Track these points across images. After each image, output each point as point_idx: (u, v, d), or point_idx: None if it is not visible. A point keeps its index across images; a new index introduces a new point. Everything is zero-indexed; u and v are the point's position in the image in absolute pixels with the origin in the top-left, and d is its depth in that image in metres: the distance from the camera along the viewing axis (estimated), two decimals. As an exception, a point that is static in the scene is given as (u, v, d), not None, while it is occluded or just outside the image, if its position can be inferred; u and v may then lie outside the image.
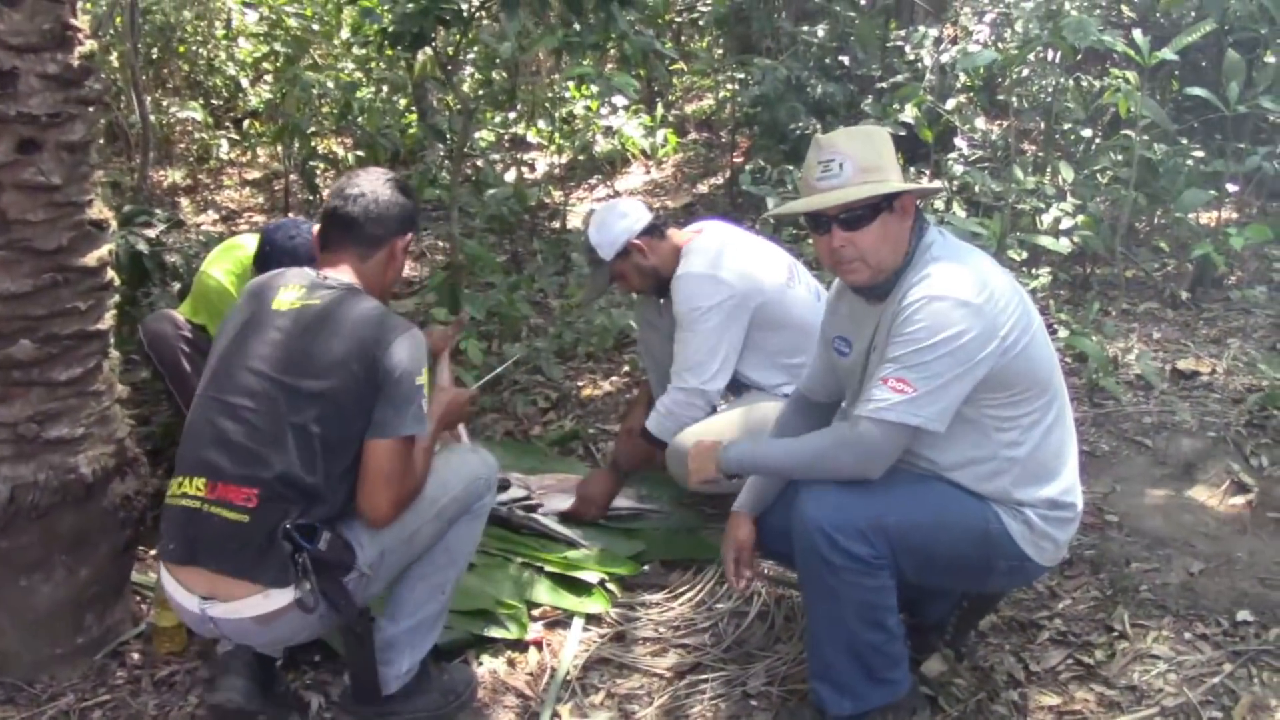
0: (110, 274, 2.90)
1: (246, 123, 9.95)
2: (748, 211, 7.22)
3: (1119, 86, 5.07)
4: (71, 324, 2.78)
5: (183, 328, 3.56)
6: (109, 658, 2.97)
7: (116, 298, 2.96)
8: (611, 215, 3.54)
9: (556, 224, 6.61)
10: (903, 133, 6.11)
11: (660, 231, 3.55)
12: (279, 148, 8.33)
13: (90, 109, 2.79)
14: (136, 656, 2.98)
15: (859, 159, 2.53)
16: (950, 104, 6.13)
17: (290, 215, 7.57)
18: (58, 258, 2.73)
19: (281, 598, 2.39)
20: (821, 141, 2.58)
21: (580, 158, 7.72)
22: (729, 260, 3.43)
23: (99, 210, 2.84)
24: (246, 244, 3.67)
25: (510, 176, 6.86)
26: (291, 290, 2.56)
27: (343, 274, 2.61)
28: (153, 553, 3.34)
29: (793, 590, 3.20)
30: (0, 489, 2.73)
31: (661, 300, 3.65)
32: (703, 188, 8.05)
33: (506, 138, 8.03)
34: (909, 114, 5.95)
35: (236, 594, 2.39)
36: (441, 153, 7.34)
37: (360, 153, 8.11)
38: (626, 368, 4.82)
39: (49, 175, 2.67)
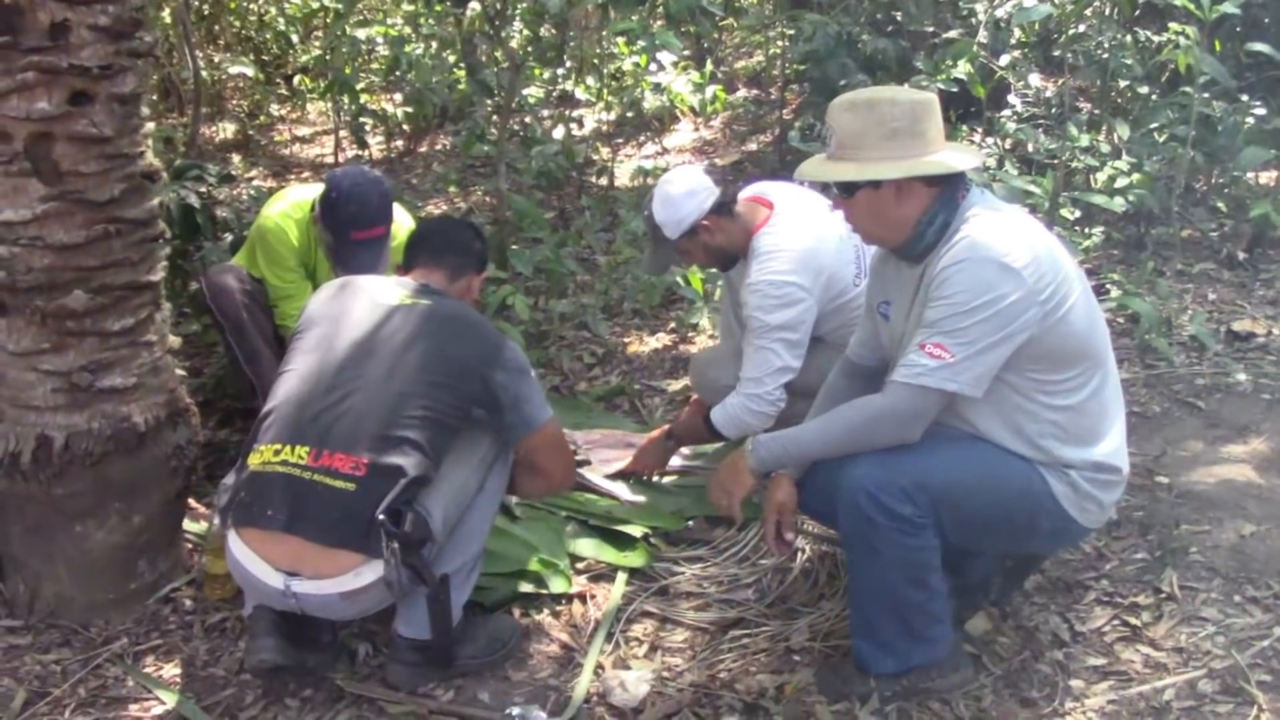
0: (161, 225, 2.93)
1: (297, 79, 9.99)
2: (796, 168, 7.17)
3: (1178, 42, 4.96)
4: (123, 275, 2.81)
5: (245, 281, 3.58)
6: (161, 603, 3.03)
7: (167, 249, 2.99)
8: (679, 193, 3.35)
9: (604, 181, 6.58)
10: (955, 89, 6.03)
11: (729, 208, 3.39)
12: (329, 104, 8.35)
13: (141, 61, 2.81)
14: (188, 603, 3.04)
15: (841, 133, 2.52)
16: (1004, 60, 6.02)
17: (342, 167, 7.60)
18: (109, 209, 2.75)
19: (371, 574, 2.45)
20: (830, 106, 2.58)
21: (629, 115, 7.66)
22: (806, 261, 3.30)
23: (150, 162, 2.86)
24: (305, 191, 3.68)
25: (558, 133, 6.84)
26: (396, 289, 2.75)
27: (438, 285, 2.82)
28: (204, 503, 3.40)
29: (836, 547, 3.19)
30: (55, 437, 2.79)
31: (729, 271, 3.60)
32: (751, 145, 7.98)
33: (554, 94, 8.00)
34: (962, 70, 5.86)
35: (326, 569, 2.45)
36: (489, 108, 7.34)
37: (408, 109, 8.12)
38: (673, 324, 4.81)
39: (101, 127, 2.70)
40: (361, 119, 7.68)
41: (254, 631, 2.66)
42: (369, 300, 2.71)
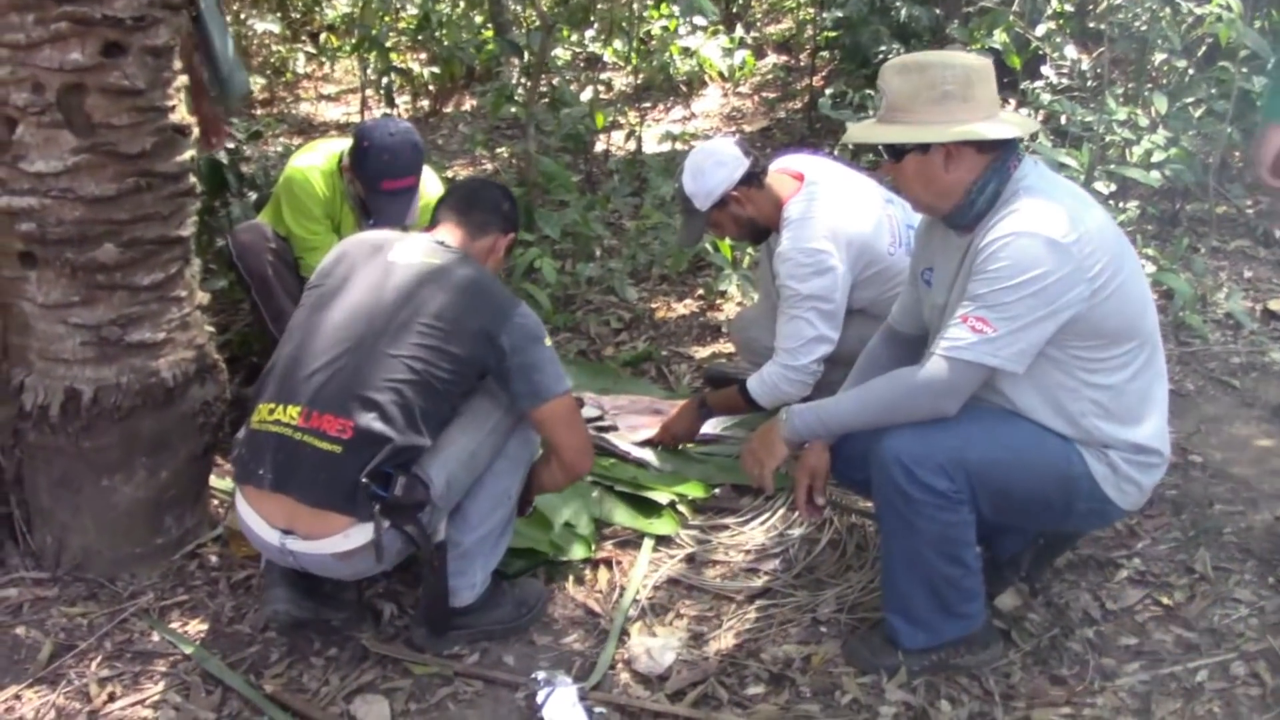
0: (192, 180, 2.90)
1: (324, 36, 9.93)
2: (825, 136, 7.10)
3: (1220, 15, 4.87)
4: (154, 229, 2.79)
5: (271, 239, 3.55)
6: (186, 559, 3.03)
7: (198, 204, 2.96)
8: (709, 163, 3.34)
9: (631, 145, 6.52)
10: (990, 59, 5.95)
11: (759, 180, 3.36)
12: (355, 62, 8.30)
13: (174, 13, 2.78)
14: (214, 559, 3.03)
15: (891, 95, 2.48)
16: (1040, 30, 5.93)
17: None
18: (141, 162, 2.73)
19: (360, 536, 2.44)
20: (882, 69, 2.54)
21: (658, 79, 7.59)
22: (835, 229, 3.27)
23: (181, 116, 2.84)
24: (332, 144, 3.65)
25: (586, 96, 6.78)
26: (410, 246, 2.65)
27: (456, 243, 2.72)
28: (230, 461, 3.39)
29: (865, 518, 3.17)
30: (84, 390, 2.78)
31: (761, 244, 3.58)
32: (780, 112, 7.90)
33: (581, 57, 7.93)
34: (997, 40, 5.77)
35: (316, 530, 2.44)
36: (519, 69, 7.28)
37: (434, 69, 8.06)
38: (701, 290, 4.77)
39: (133, 79, 2.67)
40: (386, 78, 7.63)
41: (266, 583, 2.69)
42: (378, 257, 2.64)
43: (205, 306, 3.04)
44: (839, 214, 3.28)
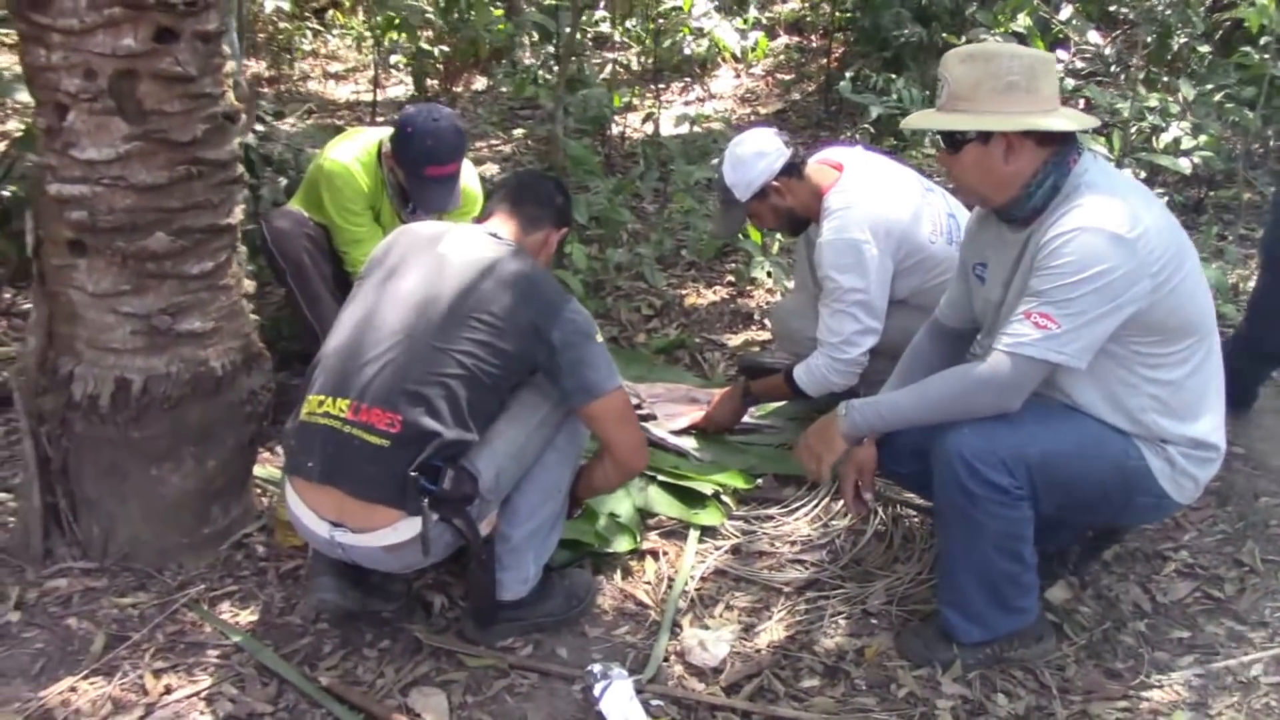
0: (240, 168, 2.87)
1: (330, 14, 9.87)
2: (842, 119, 7.08)
3: (1253, 0, 4.84)
4: (204, 217, 2.76)
5: (306, 225, 3.53)
6: (233, 549, 3.01)
7: (246, 192, 2.93)
8: (749, 153, 3.33)
9: (649, 128, 6.48)
10: (1053, 53, 5.92)
11: (799, 170, 3.35)
12: (369, 41, 8.24)
13: (224, -2, 2.75)
14: (260, 549, 3.02)
15: (954, 84, 2.47)
16: (1064, 14, 5.90)
17: (375, 107, 7.51)
18: (192, 150, 2.69)
19: (409, 530, 2.43)
20: (944, 58, 2.53)
21: (674, 59, 7.54)
22: (876, 219, 3.25)
23: (230, 102, 2.80)
24: (369, 133, 3.62)
25: (601, 77, 6.74)
26: (463, 239, 2.63)
27: (509, 236, 2.70)
28: (276, 450, 3.38)
29: (910, 510, 3.17)
30: (133, 379, 2.75)
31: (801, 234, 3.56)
32: (795, 94, 7.87)
33: (589, 36, 7.87)
34: (1021, 24, 5.75)
35: (365, 522, 2.44)
36: (542, 49, 7.24)
37: (443, 49, 7.99)
38: (730, 277, 4.76)
39: (185, 65, 2.63)
40: (394, 57, 7.60)
41: (313, 572, 2.69)
42: (430, 249, 2.62)
43: (250, 295, 3.01)
44: (879, 204, 3.26)
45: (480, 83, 8.71)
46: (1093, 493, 2.52)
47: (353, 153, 3.52)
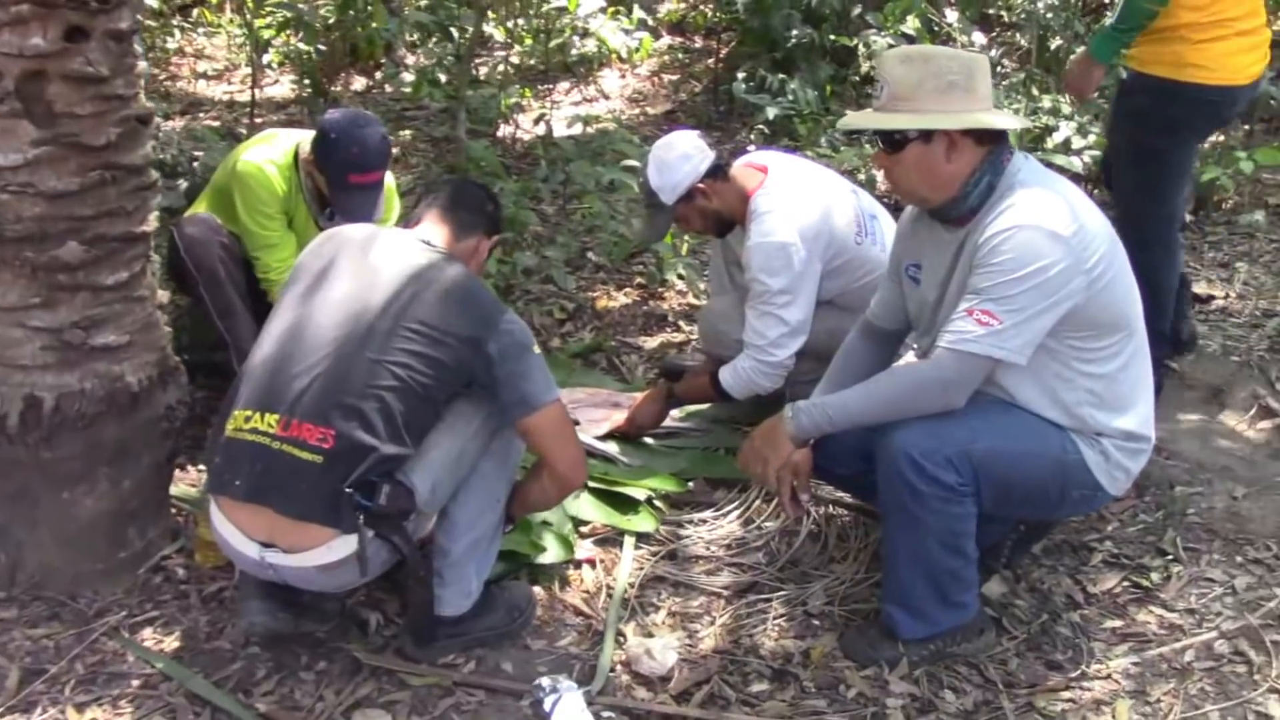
0: (154, 173, 2.75)
1: (197, 11, 9.55)
2: (732, 119, 7.10)
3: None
4: (118, 225, 2.64)
5: (221, 233, 3.38)
6: (152, 572, 2.87)
7: (159, 198, 2.80)
8: (674, 156, 3.30)
9: (540, 129, 6.41)
10: (905, 44, 6.03)
11: (724, 172, 3.34)
12: (244, 40, 8.00)
13: (136, -6, 2.62)
14: (181, 571, 2.88)
15: (895, 85, 2.49)
16: (951, 16, 6.03)
17: (257, 106, 7.29)
18: (105, 154, 2.57)
19: (344, 548, 2.35)
20: (880, 59, 2.57)
21: (558, 59, 7.49)
22: (804, 222, 3.24)
23: (144, 105, 2.68)
24: (285, 135, 3.50)
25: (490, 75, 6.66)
26: (394, 246, 2.55)
27: (441, 243, 2.61)
28: (188, 467, 3.25)
29: (842, 510, 3.18)
30: (44, 398, 2.61)
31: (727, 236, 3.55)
32: (682, 95, 7.87)
33: (467, 36, 7.75)
34: (910, 25, 5.86)
35: (298, 542, 2.34)
36: (406, 51, 7.11)
37: (321, 47, 7.77)
38: (640, 279, 4.73)
39: (97, 66, 2.51)
40: (267, 57, 7.38)
41: (241, 595, 2.58)
42: (357, 255, 2.53)
43: (163, 305, 2.88)
44: (806, 206, 3.27)
45: (359, 83, 8.52)
46: (1033, 487, 2.57)
47: (267, 155, 3.39)
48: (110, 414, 2.69)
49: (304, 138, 3.44)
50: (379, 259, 2.51)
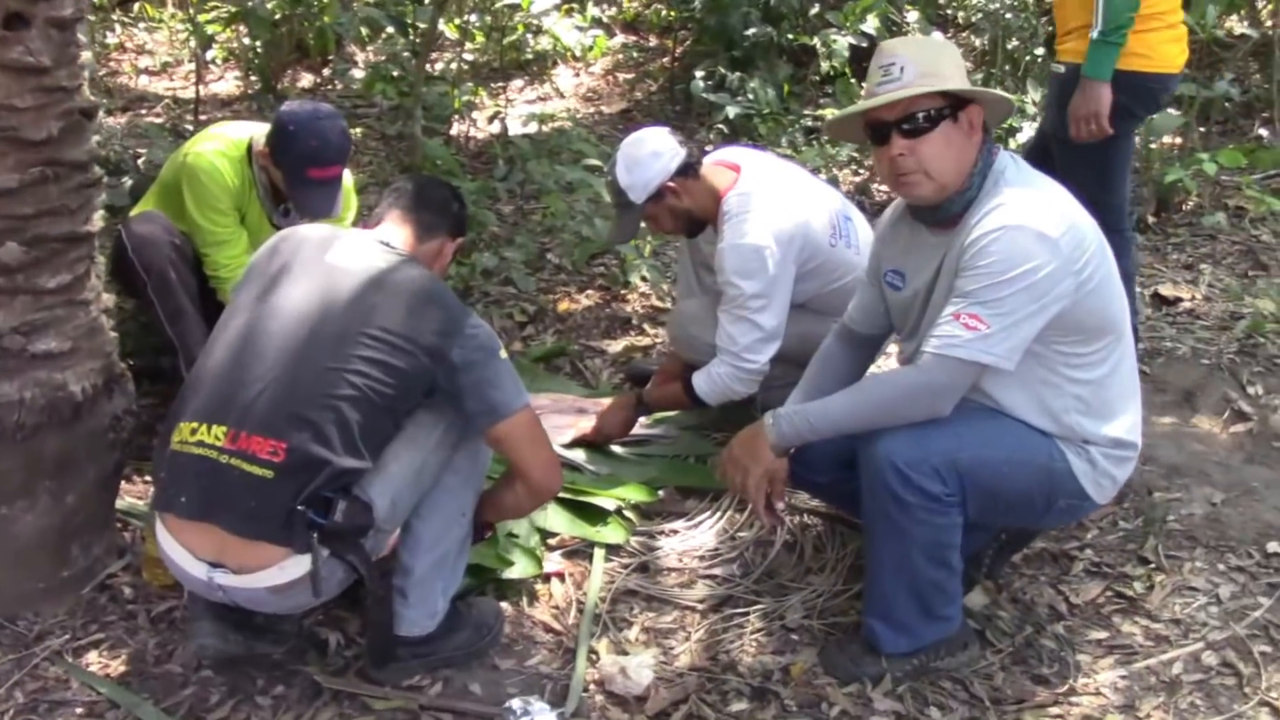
0: (98, 169, 2.60)
1: (137, 6, 9.31)
2: (689, 118, 7.01)
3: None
4: (61, 224, 2.49)
5: (172, 233, 3.23)
6: (97, 591, 2.73)
7: (104, 196, 2.65)
8: (644, 154, 3.18)
9: (495, 127, 6.29)
10: (865, 44, 5.97)
11: (694, 170, 3.22)
12: (187, 35, 7.79)
13: (80, -20, 2.47)
14: (128, 590, 2.74)
15: (919, 63, 2.39)
16: (912, 16, 5.98)
17: (202, 103, 7.09)
18: (46, 150, 2.43)
19: (297, 568, 2.21)
20: (883, 47, 2.47)
21: (513, 56, 7.36)
22: (778, 224, 3.14)
23: (87, 97, 2.53)
24: (236, 128, 3.35)
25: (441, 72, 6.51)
26: (353, 247, 2.41)
27: (402, 244, 2.48)
28: (134, 479, 3.10)
29: (816, 519, 3.10)
30: (-19, 409, 2.45)
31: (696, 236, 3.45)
32: (638, 93, 7.76)
33: (417, 34, 7.62)
34: (871, 25, 5.81)
35: (248, 562, 2.21)
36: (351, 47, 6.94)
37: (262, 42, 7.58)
38: (600, 280, 4.61)
39: (38, 55, 2.37)
40: (211, 53, 7.20)
41: (191, 615, 2.44)
42: (314, 257, 2.40)
43: (109, 309, 2.73)
44: (780, 207, 3.17)
45: (306, 79, 8.33)
46: (1019, 496, 2.49)
47: (218, 148, 3.24)
48: (52, 425, 2.54)
49: (257, 131, 3.30)
50: (337, 261, 2.38)
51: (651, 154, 3.17)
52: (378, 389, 2.24)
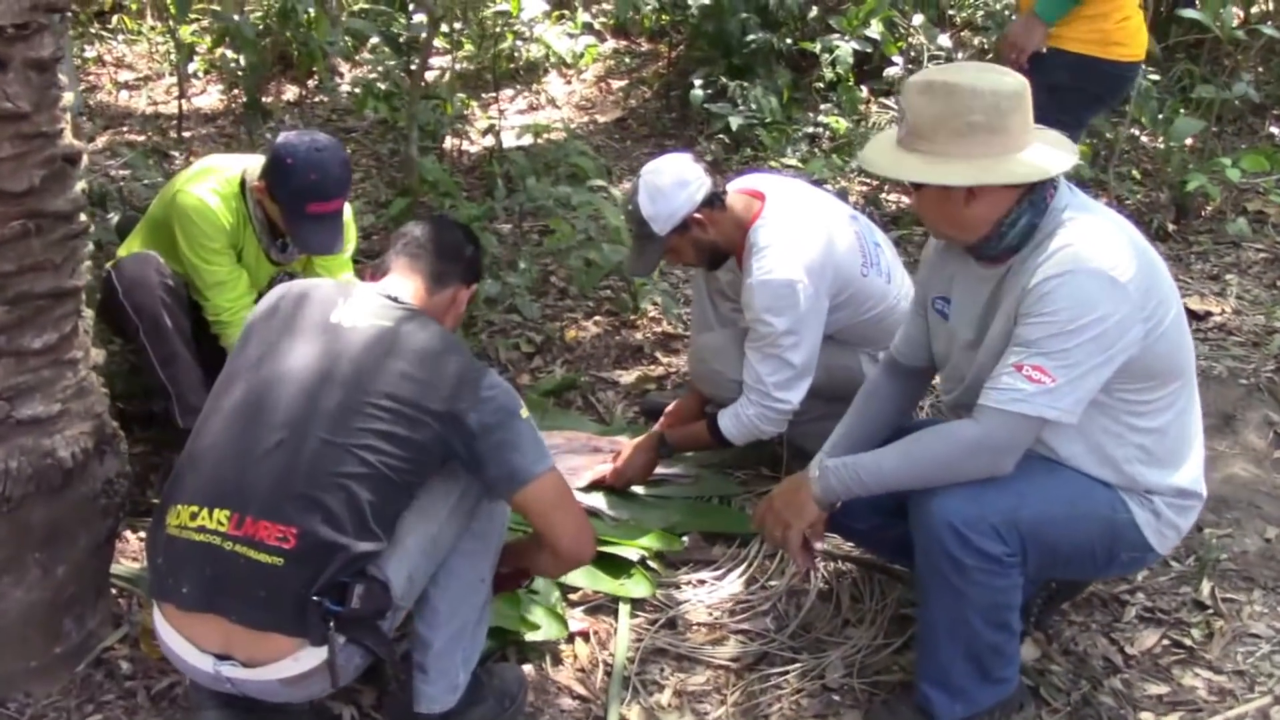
0: (84, 218, 2.41)
1: (115, 18, 9.10)
2: (686, 127, 6.84)
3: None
4: (44, 281, 2.30)
5: (165, 274, 3.05)
6: (92, 668, 2.54)
7: (90, 246, 2.47)
8: (669, 183, 2.99)
9: (489, 141, 6.10)
10: (869, 49, 5.82)
11: (721, 200, 3.03)
12: (168, 49, 7.59)
13: (59, 18, 2.29)
14: (125, 665, 2.56)
15: (913, 120, 2.24)
16: (917, 19, 5.82)
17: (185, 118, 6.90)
18: (27, 201, 2.23)
19: (312, 658, 2.05)
20: (905, 83, 2.30)
21: (505, 65, 7.18)
22: (809, 256, 2.97)
23: (70, 142, 2.34)
24: (228, 162, 3.17)
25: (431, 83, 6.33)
26: (357, 304, 2.23)
27: (411, 298, 2.30)
28: (127, 536, 2.92)
29: (852, 564, 2.94)
30: (-36, 481, 2.27)
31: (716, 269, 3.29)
32: (632, 101, 7.58)
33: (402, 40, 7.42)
34: (875, 29, 5.64)
35: (258, 654, 2.04)
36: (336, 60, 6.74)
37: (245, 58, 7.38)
38: (607, 306, 4.43)
39: (16, 100, 2.17)
40: (193, 65, 7.02)
41: (195, 702, 2.28)
42: (318, 317, 2.22)
43: (99, 365, 2.55)
44: (810, 238, 3.00)
45: (290, 93, 8.14)
46: (1079, 551, 2.34)
47: (210, 185, 3.06)
48: (40, 494, 2.35)
49: (250, 164, 3.12)
50: (341, 321, 2.20)
51: (676, 183, 2.99)
52: (390, 464, 2.08)
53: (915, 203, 2.37)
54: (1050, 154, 2.25)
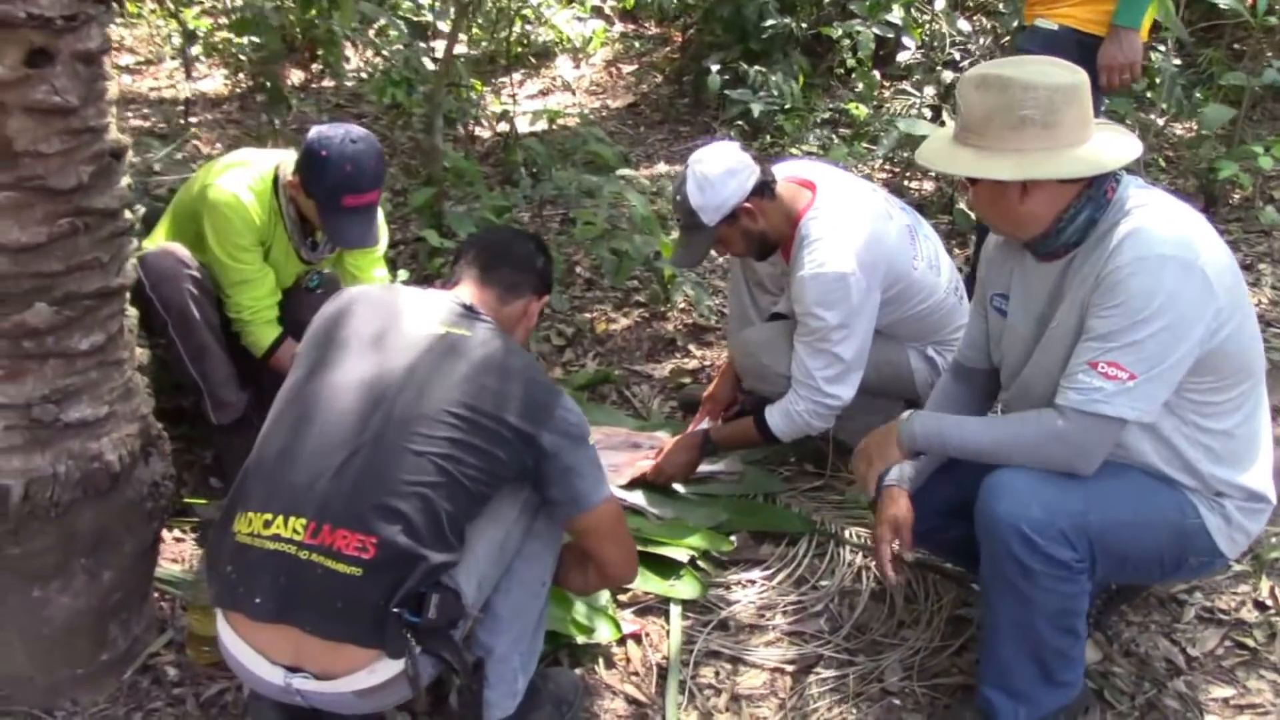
0: (130, 215, 2.34)
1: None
2: (701, 111, 6.78)
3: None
4: (92, 280, 2.24)
5: (191, 266, 2.98)
6: (139, 674, 2.49)
7: (135, 243, 2.41)
8: (717, 172, 2.93)
9: (503, 127, 6.02)
10: (890, 34, 5.75)
11: (771, 189, 2.98)
12: (170, 33, 7.48)
13: (106, 8, 2.22)
14: (173, 672, 2.51)
15: (966, 114, 2.21)
16: (939, 4, 5.75)
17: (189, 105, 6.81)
18: (75, 198, 2.16)
19: (388, 670, 2.00)
20: (964, 76, 2.25)
21: (516, 50, 7.09)
22: (862, 249, 2.91)
23: (116, 137, 2.27)
24: (259, 156, 3.11)
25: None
26: (429, 311, 2.19)
27: (484, 308, 2.27)
28: (172, 537, 2.86)
29: (904, 564, 2.89)
30: (11, 485, 2.21)
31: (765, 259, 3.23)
32: (644, 86, 7.50)
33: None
34: (896, 15, 5.57)
35: (332, 666, 1.99)
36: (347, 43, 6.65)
37: (254, 39, 7.27)
38: (637, 297, 4.37)
39: (64, 94, 2.10)
40: (195, 49, 6.93)
41: (252, 709, 2.23)
42: (391, 323, 2.17)
43: (144, 366, 2.49)
44: (862, 230, 2.94)
45: (295, 76, 8.04)
46: (1147, 556, 2.30)
47: (243, 180, 2.99)
48: (87, 498, 2.30)
49: (284, 159, 3.06)
50: (413, 329, 2.16)
51: (726, 172, 2.93)
52: (468, 474, 2.03)
53: (972, 198, 2.34)
54: (1108, 148, 2.20)
